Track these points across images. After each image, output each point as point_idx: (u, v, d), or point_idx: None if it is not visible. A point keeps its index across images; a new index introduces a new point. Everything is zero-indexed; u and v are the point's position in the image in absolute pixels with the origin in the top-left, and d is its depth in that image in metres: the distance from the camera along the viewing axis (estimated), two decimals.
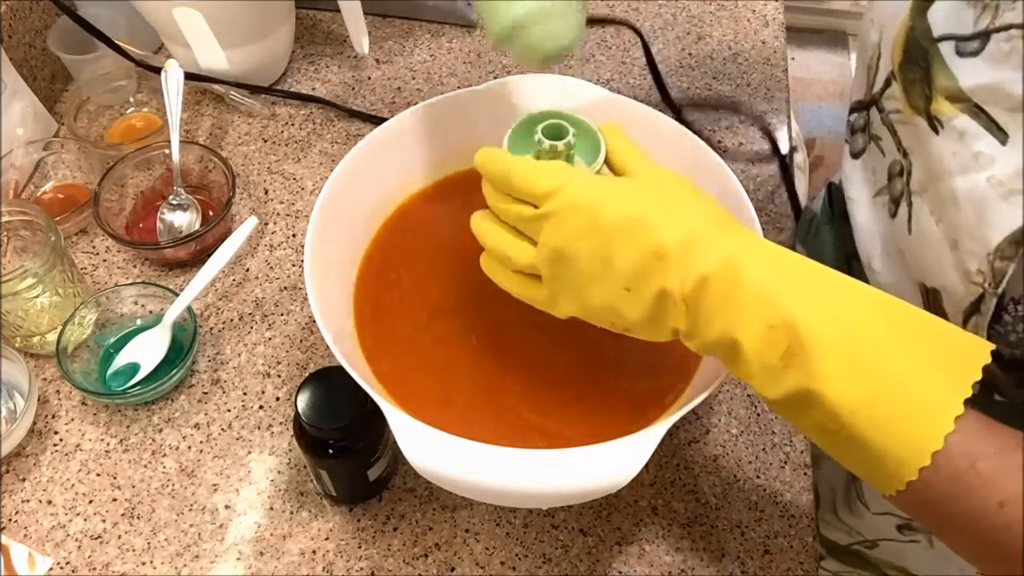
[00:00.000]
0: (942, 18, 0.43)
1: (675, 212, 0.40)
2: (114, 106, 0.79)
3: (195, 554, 0.55)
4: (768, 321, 0.36)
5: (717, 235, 0.39)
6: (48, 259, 0.59)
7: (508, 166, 0.43)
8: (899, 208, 0.47)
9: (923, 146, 0.44)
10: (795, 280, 0.37)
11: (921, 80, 0.43)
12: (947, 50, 0.42)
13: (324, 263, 0.53)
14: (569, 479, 0.42)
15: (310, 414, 0.49)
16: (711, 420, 0.61)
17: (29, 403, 0.58)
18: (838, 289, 0.38)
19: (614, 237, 0.39)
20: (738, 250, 0.38)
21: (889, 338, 0.35)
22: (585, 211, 0.40)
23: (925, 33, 0.43)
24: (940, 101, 0.42)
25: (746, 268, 0.37)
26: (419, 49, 0.87)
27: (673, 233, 0.39)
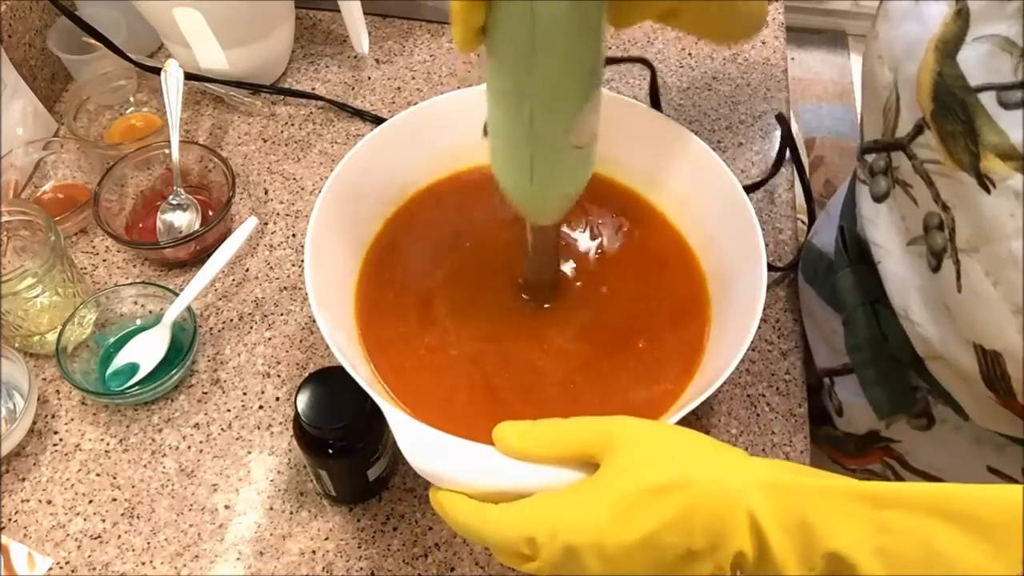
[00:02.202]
0: (976, 65, 0.40)
1: (680, 496, 0.36)
2: (114, 106, 0.79)
3: (195, 554, 0.55)
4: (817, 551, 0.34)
5: (729, 498, 0.36)
6: (48, 259, 0.59)
7: (474, 524, 0.39)
8: (942, 263, 0.44)
9: (970, 204, 0.41)
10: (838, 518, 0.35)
11: (964, 134, 0.40)
12: (989, 102, 0.39)
13: (324, 263, 0.53)
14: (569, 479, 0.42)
15: (310, 414, 0.49)
16: (711, 420, 0.61)
17: (29, 403, 0.58)
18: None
19: (633, 559, 0.37)
20: (760, 505, 0.36)
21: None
22: (588, 551, 0.36)
23: (958, 81, 0.40)
24: (990, 158, 0.39)
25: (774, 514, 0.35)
26: (419, 49, 0.87)
27: (699, 531, 0.36)
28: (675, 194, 0.59)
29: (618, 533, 0.36)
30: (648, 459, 0.37)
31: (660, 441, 0.38)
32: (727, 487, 0.36)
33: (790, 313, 0.67)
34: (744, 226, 0.53)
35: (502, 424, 0.41)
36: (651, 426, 0.40)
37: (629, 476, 0.37)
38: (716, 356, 0.52)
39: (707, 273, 0.57)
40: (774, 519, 0.35)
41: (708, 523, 0.35)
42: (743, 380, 0.63)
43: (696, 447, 0.39)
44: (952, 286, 0.43)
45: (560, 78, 0.39)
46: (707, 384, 0.47)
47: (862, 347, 0.56)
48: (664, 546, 0.36)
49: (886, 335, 0.54)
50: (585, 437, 0.39)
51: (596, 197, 0.62)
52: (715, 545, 0.35)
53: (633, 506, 0.36)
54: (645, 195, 0.61)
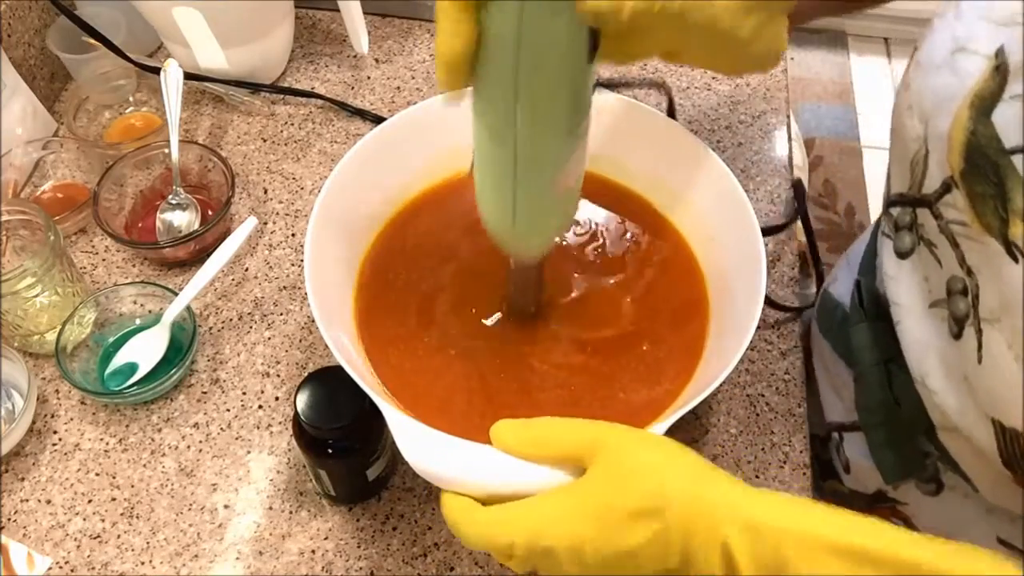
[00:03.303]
0: (1010, 125, 0.37)
1: (658, 505, 0.37)
2: (113, 105, 0.78)
3: (194, 554, 0.55)
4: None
5: (716, 512, 0.36)
6: (47, 258, 0.58)
7: (461, 522, 0.40)
8: (964, 330, 0.42)
9: (997, 271, 0.39)
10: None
11: (994, 197, 0.38)
12: (1022, 165, 0.37)
13: (324, 263, 0.53)
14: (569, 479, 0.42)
15: (309, 414, 0.49)
16: (710, 420, 0.61)
17: (28, 402, 0.58)
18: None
19: (610, 568, 0.38)
20: (737, 542, 0.36)
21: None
22: (567, 555, 0.38)
23: (992, 143, 0.38)
24: (1019, 225, 0.37)
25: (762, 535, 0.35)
26: (419, 49, 0.87)
27: (675, 554, 0.37)
28: (675, 194, 0.59)
29: (597, 544, 0.37)
30: (633, 476, 0.38)
31: (647, 457, 0.39)
32: (707, 518, 0.36)
33: (790, 313, 0.67)
34: (744, 226, 0.53)
35: (499, 422, 0.42)
36: (640, 439, 0.40)
37: (613, 491, 0.38)
38: (716, 356, 0.51)
39: (707, 273, 0.57)
40: (750, 558, 0.35)
41: (684, 548, 0.36)
42: (743, 380, 0.63)
43: (682, 468, 0.38)
44: (973, 356, 0.41)
45: (544, 130, 0.39)
46: (707, 384, 0.47)
47: (873, 408, 0.54)
48: (640, 563, 0.37)
49: (898, 398, 0.52)
50: (574, 439, 0.40)
51: (596, 198, 0.62)
52: (690, 564, 0.36)
53: (614, 522, 0.37)
54: (645, 195, 0.61)
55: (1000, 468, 0.42)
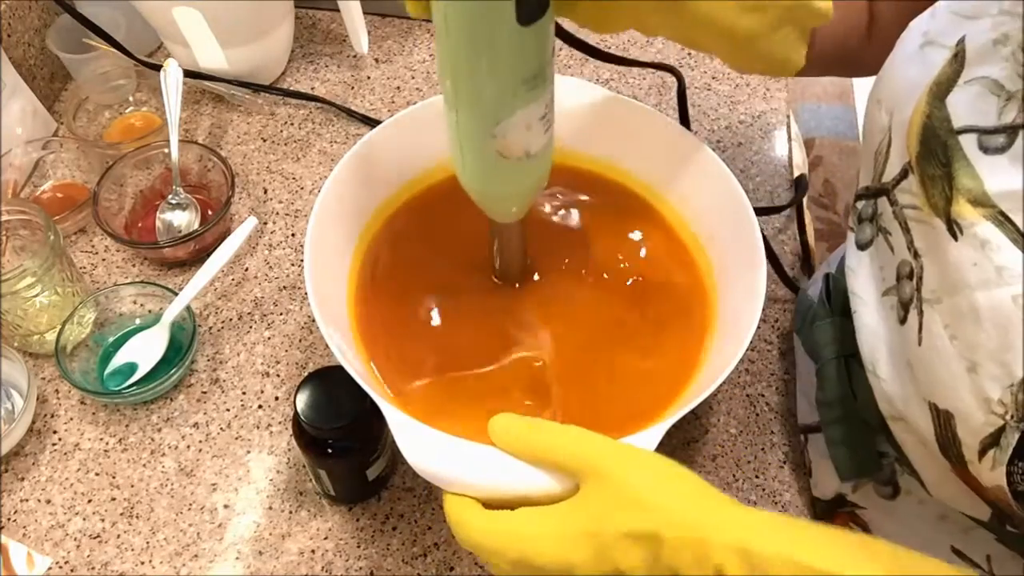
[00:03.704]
0: (963, 106, 0.38)
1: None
2: (113, 105, 0.78)
3: (194, 553, 0.55)
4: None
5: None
6: (47, 258, 0.58)
7: (459, 524, 0.41)
8: (908, 315, 0.42)
9: (939, 251, 0.39)
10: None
11: (942, 177, 0.39)
12: (969, 144, 0.38)
13: (324, 262, 0.53)
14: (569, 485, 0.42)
15: (309, 413, 0.49)
16: (710, 420, 0.61)
17: (28, 402, 0.58)
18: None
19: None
20: (731, 567, 0.35)
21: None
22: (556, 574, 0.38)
23: (944, 123, 0.39)
24: (961, 203, 0.37)
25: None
26: (418, 49, 0.87)
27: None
28: (675, 193, 0.59)
29: (588, 567, 0.37)
30: (627, 499, 0.38)
31: (642, 479, 0.38)
32: (700, 544, 0.36)
33: (790, 313, 0.67)
34: (744, 225, 0.53)
35: (499, 415, 0.42)
36: (636, 459, 0.40)
37: (606, 513, 0.38)
38: (716, 356, 0.51)
39: (707, 273, 0.57)
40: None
41: (676, 573, 0.36)
42: (743, 380, 0.63)
43: (677, 491, 0.38)
44: (915, 338, 0.41)
45: (475, 79, 0.39)
46: (707, 384, 0.47)
47: (831, 403, 0.54)
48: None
49: (855, 392, 0.52)
50: (570, 453, 0.40)
51: (597, 197, 0.62)
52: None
53: (605, 545, 0.37)
54: (645, 194, 0.61)
55: (940, 457, 0.42)
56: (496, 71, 0.38)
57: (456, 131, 0.43)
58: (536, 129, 0.42)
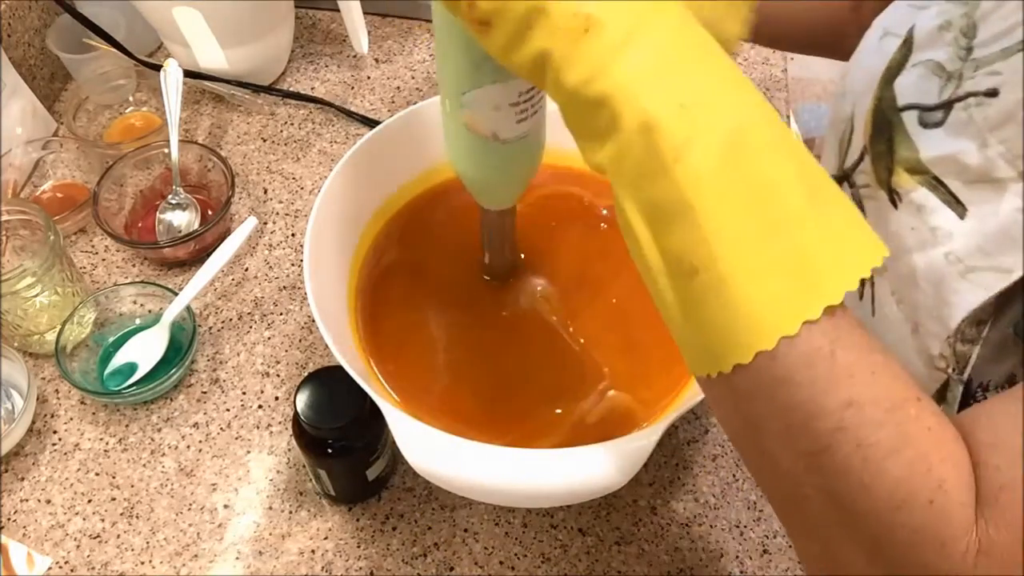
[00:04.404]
0: (908, 87, 0.41)
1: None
2: (113, 105, 0.78)
3: (194, 553, 0.55)
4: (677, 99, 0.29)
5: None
6: (47, 258, 0.58)
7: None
8: (864, 289, 0.44)
9: (883, 222, 0.41)
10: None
11: (885, 152, 0.41)
12: (911, 120, 0.40)
13: (323, 262, 0.53)
14: (568, 479, 0.42)
15: (309, 413, 0.49)
16: (710, 420, 0.61)
17: (28, 402, 0.58)
18: (750, 100, 0.31)
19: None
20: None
21: (789, 174, 0.29)
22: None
23: (891, 103, 0.42)
24: (900, 173, 0.40)
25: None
26: (419, 49, 0.87)
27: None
28: None
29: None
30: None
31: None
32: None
33: None
34: None
35: None
36: None
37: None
38: None
39: None
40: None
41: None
42: None
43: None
44: (869, 310, 0.43)
45: (449, 43, 0.40)
46: None
47: None
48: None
49: None
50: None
51: (598, 197, 0.62)
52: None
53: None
54: None
55: None
56: (465, 41, 0.39)
57: (442, 107, 0.44)
58: (506, 113, 0.42)
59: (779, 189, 0.29)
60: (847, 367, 0.29)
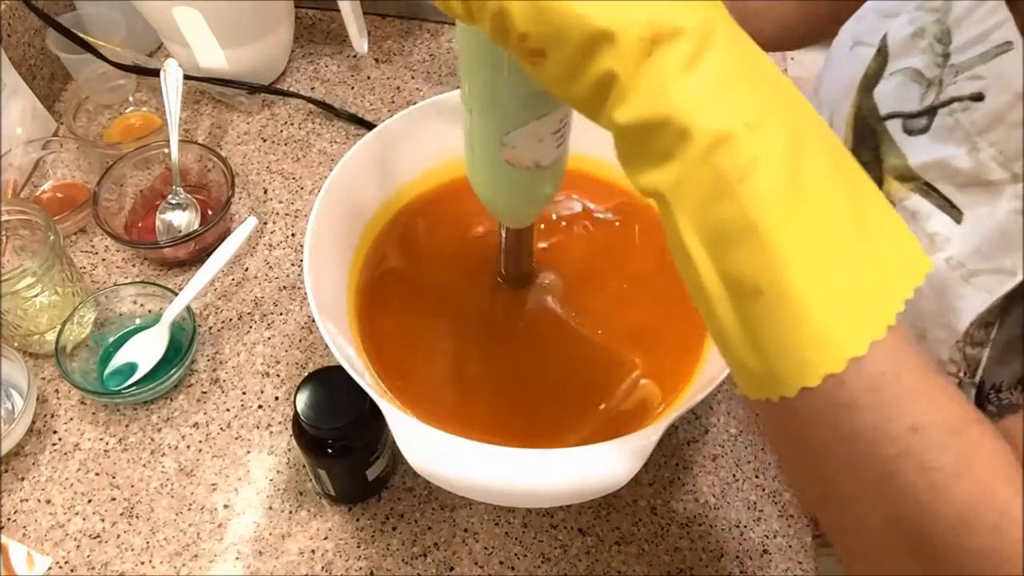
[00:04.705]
0: (888, 96, 0.41)
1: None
2: (113, 105, 0.78)
3: (194, 553, 0.55)
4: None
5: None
6: (47, 258, 0.58)
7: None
8: None
9: None
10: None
11: (872, 161, 0.41)
12: (895, 128, 0.40)
13: (323, 263, 0.53)
14: (568, 478, 0.42)
15: (309, 413, 0.49)
16: (710, 420, 0.61)
17: (28, 402, 0.58)
18: (804, 115, 0.30)
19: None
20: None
21: (842, 192, 0.29)
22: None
23: (872, 112, 0.42)
24: (890, 182, 0.40)
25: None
26: (418, 49, 0.87)
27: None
28: None
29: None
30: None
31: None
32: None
33: None
34: None
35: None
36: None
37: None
38: (716, 356, 0.51)
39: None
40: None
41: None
42: None
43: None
44: None
45: (491, 86, 0.39)
46: (707, 383, 0.47)
47: None
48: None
49: None
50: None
51: (597, 196, 0.62)
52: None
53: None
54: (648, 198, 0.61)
55: None
56: (512, 81, 0.38)
57: (469, 133, 0.43)
58: (548, 142, 0.41)
59: (837, 206, 0.28)
60: (911, 391, 0.28)
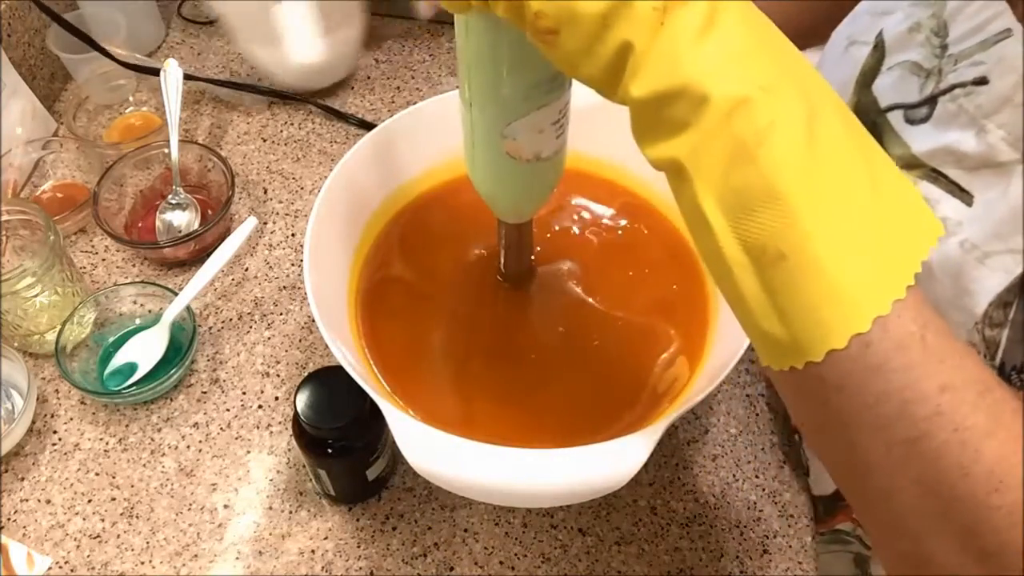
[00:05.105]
0: (887, 89, 0.42)
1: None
2: (113, 105, 0.78)
3: (194, 553, 0.55)
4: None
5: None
6: (47, 258, 0.58)
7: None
8: None
9: None
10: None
11: None
12: (896, 120, 0.41)
13: (323, 263, 0.53)
14: (568, 478, 0.42)
15: (309, 413, 0.49)
16: (710, 420, 0.61)
17: (28, 402, 0.58)
18: (817, 84, 0.30)
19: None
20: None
21: (856, 157, 0.29)
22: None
23: (872, 106, 0.42)
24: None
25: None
26: (418, 49, 0.87)
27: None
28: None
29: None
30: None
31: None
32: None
33: None
34: None
35: None
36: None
37: None
38: (716, 355, 0.52)
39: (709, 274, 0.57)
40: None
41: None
42: (742, 380, 0.63)
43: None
44: None
45: (491, 79, 0.39)
46: (707, 383, 0.47)
47: None
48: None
49: None
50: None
51: (598, 196, 0.62)
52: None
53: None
54: (645, 194, 0.61)
55: None
56: (512, 72, 0.38)
57: (469, 129, 0.43)
58: (548, 133, 0.42)
59: (853, 169, 0.29)
60: (938, 351, 0.28)
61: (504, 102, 0.40)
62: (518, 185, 0.46)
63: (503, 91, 0.39)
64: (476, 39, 0.38)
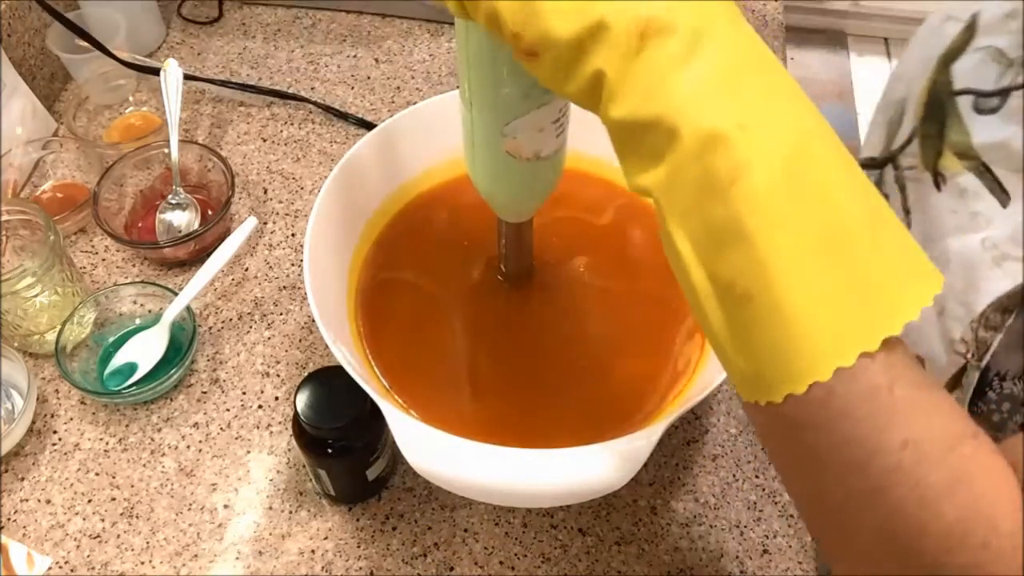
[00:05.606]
0: (966, 71, 0.41)
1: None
2: (113, 105, 0.78)
3: (194, 553, 0.55)
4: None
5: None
6: (47, 258, 0.58)
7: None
8: None
9: (925, 203, 0.41)
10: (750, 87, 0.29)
11: (935, 135, 0.41)
12: (965, 104, 0.40)
13: (323, 263, 0.53)
14: (568, 478, 0.42)
15: (309, 413, 0.49)
16: (710, 420, 0.61)
17: (28, 402, 0.58)
18: (810, 119, 0.29)
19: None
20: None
21: (848, 198, 0.28)
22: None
23: (946, 86, 0.42)
24: (948, 156, 0.40)
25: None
26: (418, 49, 0.87)
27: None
28: None
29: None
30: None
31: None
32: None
33: None
34: None
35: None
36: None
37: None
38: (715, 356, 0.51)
39: None
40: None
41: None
42: None
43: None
44: None
45: (491, 77, 0.39)
46: (707, 384, 0.47)
47: None
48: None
49: None
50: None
51: (598, 195, 0.62)
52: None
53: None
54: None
55: None
56: (512, 71, 0.38)
57: (469, 128, 0.43)
58: (548, 132, 0.42)
59: (838, 214, 0.28)
60: (906, 405, 0.28)
61: (504, 101, 0.40)
62: (518, 184, 0.46)
63: (503, 90, 0.39)
64: (476, 39, 0.38)
